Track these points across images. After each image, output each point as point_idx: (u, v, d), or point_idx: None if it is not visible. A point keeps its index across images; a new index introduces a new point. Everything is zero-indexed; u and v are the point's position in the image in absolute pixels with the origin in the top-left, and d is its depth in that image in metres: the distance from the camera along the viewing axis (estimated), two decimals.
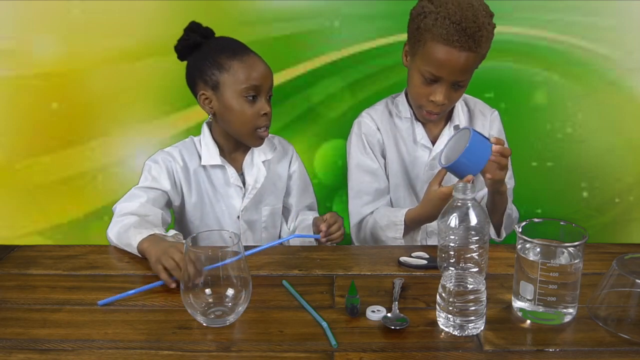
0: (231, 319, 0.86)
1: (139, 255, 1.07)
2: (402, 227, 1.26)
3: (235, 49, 1.24)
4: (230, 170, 1.29)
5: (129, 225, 1.11)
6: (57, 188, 1.72)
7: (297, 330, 0.85)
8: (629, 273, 0.85)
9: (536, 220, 0.92)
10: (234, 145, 1.31)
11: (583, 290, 0.88)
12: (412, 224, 1.27)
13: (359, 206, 1.36)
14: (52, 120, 1.68)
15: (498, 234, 1.29)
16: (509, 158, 1.14)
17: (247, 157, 1.32)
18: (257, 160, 1.32)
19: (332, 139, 1.59)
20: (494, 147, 1.09)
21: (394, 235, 1.26)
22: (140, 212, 1.16)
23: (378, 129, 1.37)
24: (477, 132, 1.10)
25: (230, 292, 0.85)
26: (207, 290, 0.85)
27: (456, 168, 1.09)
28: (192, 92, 1.30)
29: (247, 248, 0.97)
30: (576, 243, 0.84)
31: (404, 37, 1.27)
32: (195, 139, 1.33)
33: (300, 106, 1.68)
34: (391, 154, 1.37)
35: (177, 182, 1.28)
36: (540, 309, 0.85)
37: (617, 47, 1.64)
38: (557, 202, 1.69)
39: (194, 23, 1.25)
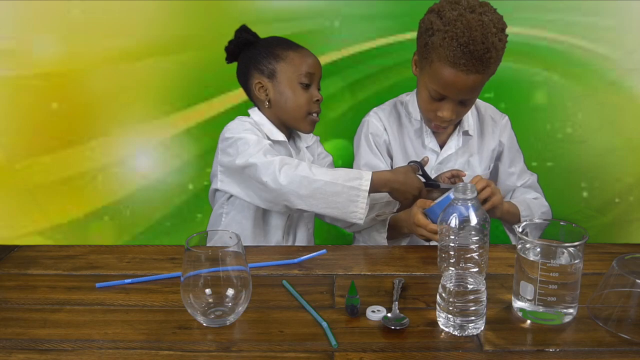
0: (231, 319, 0.86)
1: (365, 188, 1.12)
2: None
3: (288, 42, 1.33)
4: (289, 149, 1.33)
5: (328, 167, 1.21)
6: (57, 188, 1.72)
7: (297, 330, 0.85)
8: (629, 273, 0.85)
9: (536, 220, 0.92)
10: (283, 133, 1.34)
11: (583, 290, 0.88)
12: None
13: None
14: (52, 120, 1.68)
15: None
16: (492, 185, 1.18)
17: (291, 143, 1.37)
18: (300, 145, 1.38)
19: (332, 139, 1.59)
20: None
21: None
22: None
23: (385, 130, 1.37)
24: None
25: (230, 292, 0.85)
26: (207, 290, 0.85)
27: (430, 213, 1.14)
28: (245, 85, 1.35)
29: (249, 251, 0.97)
30: (576, 243, 0.84)
31: (404, 37, 1.28)
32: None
33: None
34: (398, 156, 1.37)
35: None
36: (540, 309, 0.85)
37: (617, 47, 1.64)
38: (557, 202, 1.68)
39: (244, 26, 1.33)
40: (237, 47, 1.33)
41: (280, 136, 1.31)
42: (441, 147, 1.37)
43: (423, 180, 1.21)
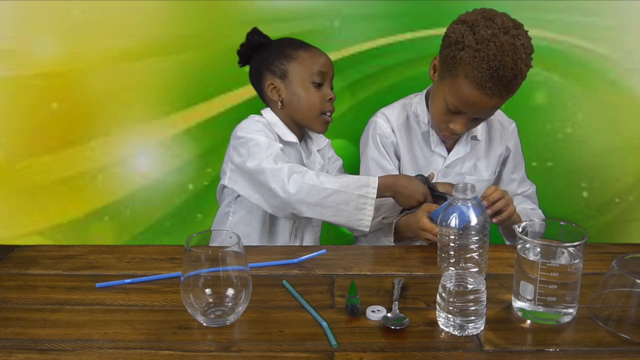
0: (231, 319, 0.86)
1: (372, 196, 1.15)
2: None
3: (299, 42, 1.34)
4: (300, 151, 1.33)
5: (338, 175, 1.25)
6: (57, 188, 1.72)
7: (297, 330, 0.85)
8: (629, 273, 0.85)
9: (536, 220, 0.92)
10: (295, 134, 1.34)
11: (583, 290, 0.88)
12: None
13: None
14: (52, 120, 1.67)
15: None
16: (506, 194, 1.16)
17: (302, 145, 1.37)
18: (312, 148, 1.38)
19: (333, 139, 1.58)
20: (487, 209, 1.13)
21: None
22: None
23: (393, 132, 1.37)
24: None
25: (230, 292, 0.85)
26: (207, 290, 0.85)
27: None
28: (257, 87, 1.36)
29: (249, 251, 0.97)
30: (576, 243, 0.84)
31: (404, 37, 1.28)
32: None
33: None
34: (405, 157, 1.37)
35: None
36: (540, 309, 0.85)
37: (617, 47, 1.64)
38: (557, 202, 1.68)
39: (255, 28, 1.35)
40: (249, 50, 1.33)
41: (292, 137, 1.31)
42: (449, 150, 1.36)
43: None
